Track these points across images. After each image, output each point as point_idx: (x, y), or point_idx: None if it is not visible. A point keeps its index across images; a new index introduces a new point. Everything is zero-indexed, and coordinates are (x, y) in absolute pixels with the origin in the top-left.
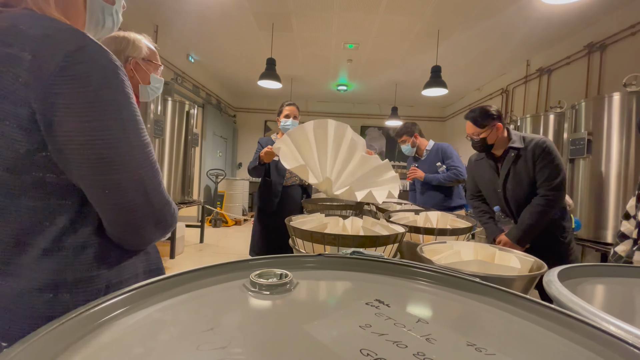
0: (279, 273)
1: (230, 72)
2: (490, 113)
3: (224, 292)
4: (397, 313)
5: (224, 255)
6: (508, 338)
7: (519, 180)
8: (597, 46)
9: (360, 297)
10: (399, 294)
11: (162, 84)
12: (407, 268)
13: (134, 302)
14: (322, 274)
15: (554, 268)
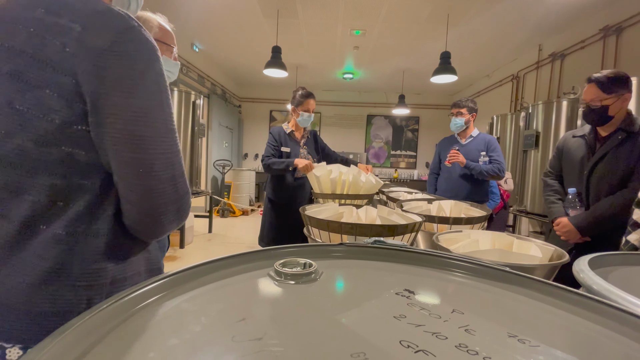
0: (302, 262)
1: (235, 62)
2: (622, 78)
3: (251, 282)
4: (430, 303)
5: (233, 245)
6: (547, 328)
7: (613, 166)
8: (613, 29)
9: (388, 287)
10: (428, 283)
11: (178, 69)
12: (433, 257)
13: (166, 290)
14: (345, 263)
15: (583, 257)
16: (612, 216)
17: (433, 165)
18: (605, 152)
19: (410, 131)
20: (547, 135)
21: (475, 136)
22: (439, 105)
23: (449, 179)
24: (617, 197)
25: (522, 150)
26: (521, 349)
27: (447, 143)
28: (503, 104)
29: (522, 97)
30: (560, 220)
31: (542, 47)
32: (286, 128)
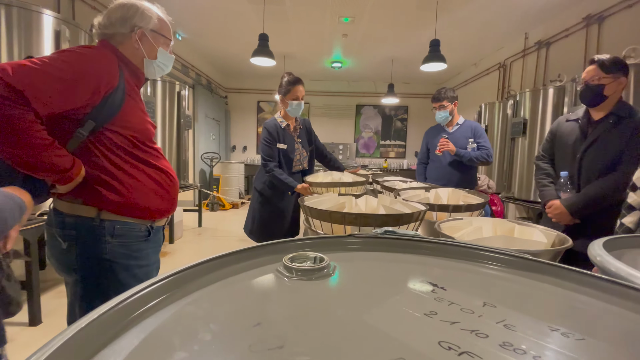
0: (312, 256)
1: (220, 50)
2: (621, 62)
3: (259, 279)
4: (458, 297)
5: (224, 239)
6: (584, 319)
7: (604, 151)
8: (596, 18)
9: (409, 280)
10: (449, 274)
11: (172, 62)
12: (448, 247)
13: (167, 293)
14: (357, 256)
15: (597, 240)
16: (602, 198)
17: (421, 155)
18: (597, 136)
19: (399, 121)
20: (534, 123)
21: (462, 124)
22: (428, 95)
23: (439, 168)
24: (607, 180)
25: (510, 138)
26: (568, 343)
27: (435, 132)
28: (490, 92)
29: (509, 86)
30: (552, 203)
31: (528, 36)
32: (280, 121)
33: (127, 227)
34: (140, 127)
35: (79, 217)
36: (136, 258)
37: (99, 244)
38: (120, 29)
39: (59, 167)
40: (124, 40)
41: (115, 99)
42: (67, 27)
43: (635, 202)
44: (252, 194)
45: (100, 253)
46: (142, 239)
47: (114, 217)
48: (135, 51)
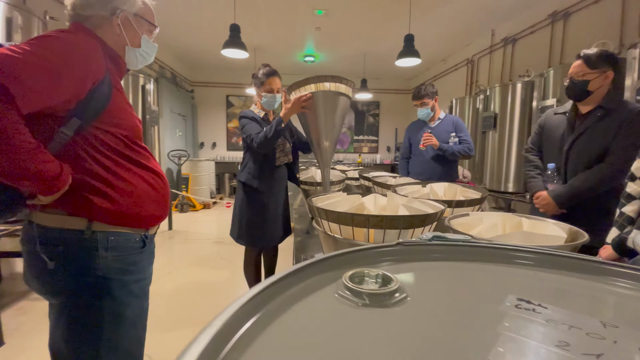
0: (373, 274)
1: (185, 42)
2: (608, 56)
3: (324, 310)
4: (568, 317)
5: (197, 242)
6: None
7: (591, 143)
8: (561, 15)
9: (495, 298)
10: (534, 287)
11: (155, 51)
12: (508, 252)
13: (220, 343)
14: (414, 268)
15: (636, 231)
16: (588, 190)
17: (404, 150)
18: (585, 129)
19: (371, 116)
20: (504, 116)
21: (443, 118)
22: (399, 90)
23: (423, 162)
24: (594, 171)
25: (482, 132)
26: None
27: (417, 127)
28: (459, 87)
29: (477, 81)
30: (540, 194)
31: (494, 33)
32: (258, 112)
33: (122, 238)
34: (129, 123)
35: (66, 231)
36: (132, 272)
37: (91, 259)
38: (99, 10)
39: (46, 175)
40: (103, 24)
41: (102, 93)
42: (19, 13)
43: (635, 192)
44: (237, 192)
45: (93, 270)
46: (137, 250)
47: (108, 228)
48: (117, 37)
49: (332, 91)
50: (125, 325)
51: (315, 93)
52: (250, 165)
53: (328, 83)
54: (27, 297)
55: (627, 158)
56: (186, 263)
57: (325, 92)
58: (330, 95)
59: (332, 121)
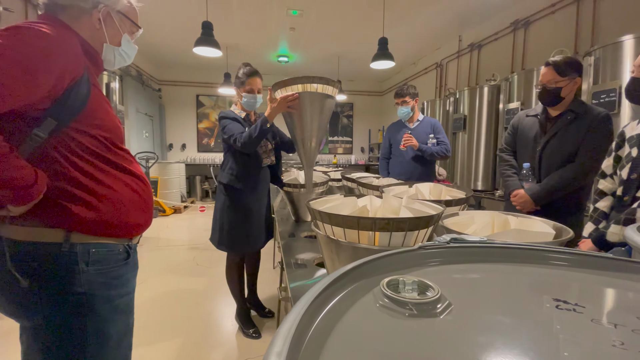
0: (410, 281)
1: (153, 39)
2: (575, 63)
3: (373, 321)
4: (609, 315)
5: (169, 249)
6: None
7: (562, 144)
8: (522, 23)
9: (534, 299)
10: (560, 285)
11: (134, 53)
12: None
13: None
14: (442, 271)
15: (631, 227)
16: (562, 187)
17: (384, 151)
18: (556, 131)
19: (345, 117)
20: (472, 118)
21: (422, 120)
22: (371, 92)
23: (402, 163)
24: (566, 170)
25: (452, 133)
26: None
27: (397, 128)
28: (429, 89)
29: (446, 84)
30: (517, 192)
31: (461, 38)
32: (239, 113)
33: (104, 250)
34: (110, 124)
35: (41, 245)
36: (116, 286)
37: (71, 275)
38: (79, 2)
39: (18, 183)
40: (81, 17)
41: (80, 91)
42: None
43: (607, 189)
44: (217, 195)
45: (74, 286)
46: (121, 262)
47: (88, 239)
48: (95, 32)
49: (320, 93)
50: (110, 344)
51: (302, 93)
52: (232, 167)
53: (315, 84)
54: None
55: (596, 158)
56: (159, 272)
57: (312, 93)
58: (318, 96)
59: (318, 122)
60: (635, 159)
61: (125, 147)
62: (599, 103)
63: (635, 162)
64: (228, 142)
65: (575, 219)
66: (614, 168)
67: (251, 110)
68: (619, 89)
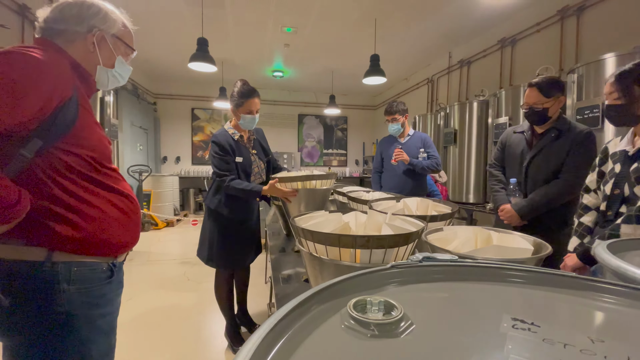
0: (376, 302)
1: (148, 53)
2: (560, 83)
3: (336, 343)
4: (560, 334)
5: (160, 263)
6: None
7: (547, 161)
8: (509, 41)
9: (493, 319)
10: (524, 304)
11: (129, 74)
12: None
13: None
14: (409, 290)
15: (600, 243)
16: (547, 203)
17: (376, 164)
18: (541, 148)
19: (340, 130)
20: (462, 132)
21: (412, 135)
22: (365, 106)
23: (394, 176)
24: (551, 186)
25: (443, 147)
26: None
27: (388, 143)
28: (420, 104)
29: (437, 99)
30: (504, 207)
31: (451, 55)
32: (233, 133)
33: (86, 269)
34: (97, 144)
35: (22, 263)
36: (99, 306)
37: (51, 294)
38: (74, 26)
39: (2, 203)
40: (76, 40)
41: (67, 112)
42: None
43: (591, 203)
44: (205, 216)
45: (54, 306)
46: (104, 281)
47: (70, 258)
48: (89, 54)
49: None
50: None
51: (300, 190)
52: (221, 193)
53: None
54: None
55: (578, 174)
56: (149, 287)
57: (308, 190)
58: (313, 192)
59: (312, 209)
60: (618, 175)
61: (113, 166)
62: (583, 119)
63: (618, 178)
64: (217, 175)
65: (562, 233)
66: (598, 183)
67: (248, 129)
68: (602, 105)
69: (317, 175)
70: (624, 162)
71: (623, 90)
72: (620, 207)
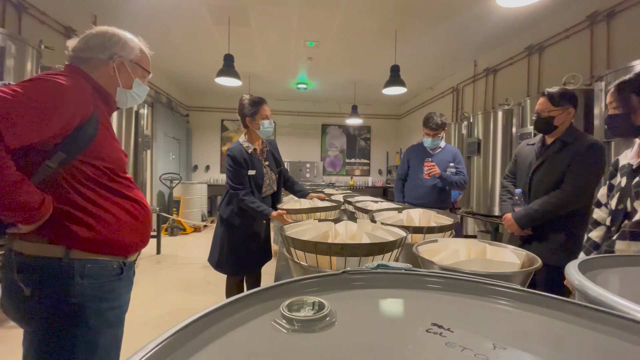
0: (311, 302)
1: (182, 69)
2: (568, 95)
3: (257, 335)
4: (467, 339)
5: (185, 266)
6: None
7: (550, 171)
8: (536, 48)
9: (413, 322)
10: (452, 312)
11: (145, 93)
12: (444, 280)
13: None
14: (355, 296)
15: (573, 262)
16: (544, 213)
17: (401, 171)
18: (545, 159)
19: (362, 140)
20: (487, 142)
21: (444, 148)
22: (389, 116)
23: (419, 187)
24: (550, 196)
25: (467, 157)
26: None
27: (417, 152)
28: (445, 113)
29: (462, 108)
30: (506, 216)
31: (477, 63)
32: (247, 146)
33: (98, 266)
34: (113, 157)
35: (43, 258)
36: (108, 300)
37: (67, 286)
38: (97, 54)
39: (28, 206)
40: (99, 66)
41: (88, 129)
42: (12, 42)
43: (600, 218)
44: (218, 223)
45: (69, 297)
46: (114, 278)
47: (85, 256)
48: (110, 78)
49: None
50: (98, 353)
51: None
52: (234, 204)
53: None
54: (2, 325)
55: (579, 186)
56: (172, 289)
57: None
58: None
59: None
60: (623, 189)
61: (127, 175)
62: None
63: (623, 192)
64: (231, 187)
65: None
66: (608, 197)
67: (267, 136)
68: None
69: (321, 208)
70: (630, 175)
71: (622, 100)
72: (623, 222)
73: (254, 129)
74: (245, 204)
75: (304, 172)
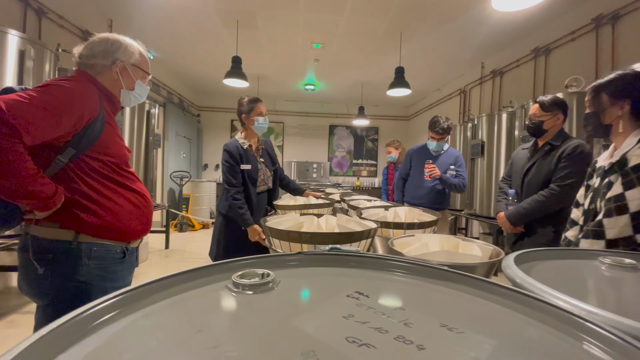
0: (260, 273)
1: (193, 70)
2: (558, 102)
3: (208, 295)
4: (377, 303)
5: (191, 260)
6: (475, 318)
7: (539, 172)
8: (542, 50)
9: (341, 290)
10: (377, 285)
11: (147, 93)
12: (382, 261)
13: (121, 308)
14: (303, 272)
15: (512, 254)
16: (533, 211)
17: (403, 170)
18: (535, 161)
19: (370, 141)
20: (491, 144)
21: (446, 150)
22: (396, 117)
23: (418, 188)
24: (538, 195)
25: (470, 159)
26: (449, 336)
27: (419, 153)
28: (452, 115)
29: (469, 109)
30: (499, 214)
31: (484, 65)
32: (242, 142)
33: (103, 249)
34: (117, 152)
35: (56, 241)
36: (111, 280)
37: (75, 266)
38: (101, 60)
39: (42, 195)
40: (104, 71)
41: (95, 128)
42: (32, 46)
43: (577, 217)
44: (216, 218)
45: (77, 275)
46: (117, 261)
47: (92, 240)
48: (114, 82)
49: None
50: None
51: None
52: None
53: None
54: (18, 310)
55: (564, 185)
56: None
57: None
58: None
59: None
60: (595, 190)
61: (130, 170)
62: None
63: (594, 193)
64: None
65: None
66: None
67: (262, 132)
68: None
69: (313, 205)
70: (602, 176)
71: (593, 99)
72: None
73: (249, 125)
74: (234, 204)
75: (310, 173)
